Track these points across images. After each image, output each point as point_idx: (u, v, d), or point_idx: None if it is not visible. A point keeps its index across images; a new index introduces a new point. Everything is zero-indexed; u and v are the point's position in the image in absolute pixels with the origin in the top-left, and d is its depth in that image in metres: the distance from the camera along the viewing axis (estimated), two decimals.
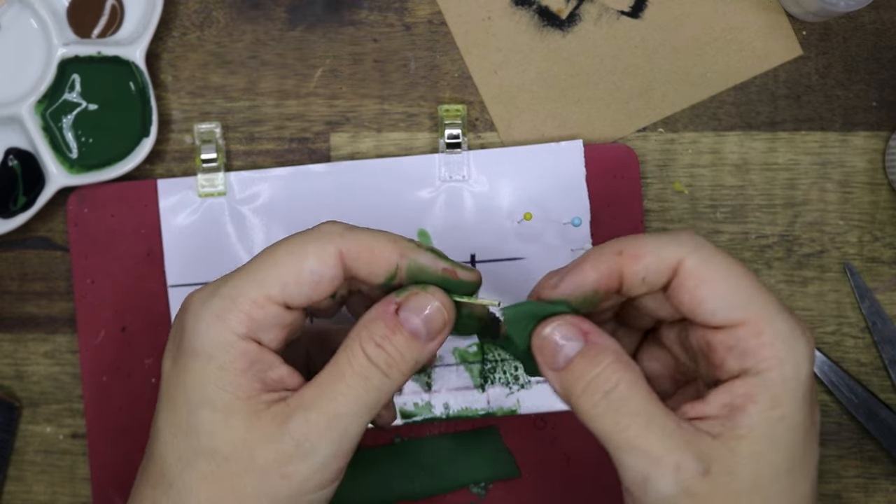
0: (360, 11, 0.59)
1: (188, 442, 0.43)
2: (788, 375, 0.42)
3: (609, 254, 0.43)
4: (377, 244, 0.44)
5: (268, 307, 0.43)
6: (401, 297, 0.44)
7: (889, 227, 0.58)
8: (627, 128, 0.59)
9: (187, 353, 0.43)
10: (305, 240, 0.43)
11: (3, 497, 0.59)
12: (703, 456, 0.41)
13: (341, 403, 0.42)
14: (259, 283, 0.43)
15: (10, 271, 0.59)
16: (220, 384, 0.42)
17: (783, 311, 0.43)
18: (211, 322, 0.42)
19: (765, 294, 0.43)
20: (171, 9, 0.59)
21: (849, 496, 0.58)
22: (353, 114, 0.59)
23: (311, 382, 0.43)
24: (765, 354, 0.41)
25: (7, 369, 0.59)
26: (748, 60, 0.59)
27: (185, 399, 0.43)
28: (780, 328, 0.42)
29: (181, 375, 0.43)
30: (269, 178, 0.58)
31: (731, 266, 0.43)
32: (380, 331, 0.43)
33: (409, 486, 0.57)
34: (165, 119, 0.59)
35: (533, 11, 0.59)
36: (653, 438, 0.41)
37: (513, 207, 0.58)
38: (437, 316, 0.44)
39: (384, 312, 0.44)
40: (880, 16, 0.59)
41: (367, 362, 0.43)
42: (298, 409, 0.42)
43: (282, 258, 0.43)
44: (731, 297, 0.42)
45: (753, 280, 0.43)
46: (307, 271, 0.43)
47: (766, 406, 0.41)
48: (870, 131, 0.59)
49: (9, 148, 0.58)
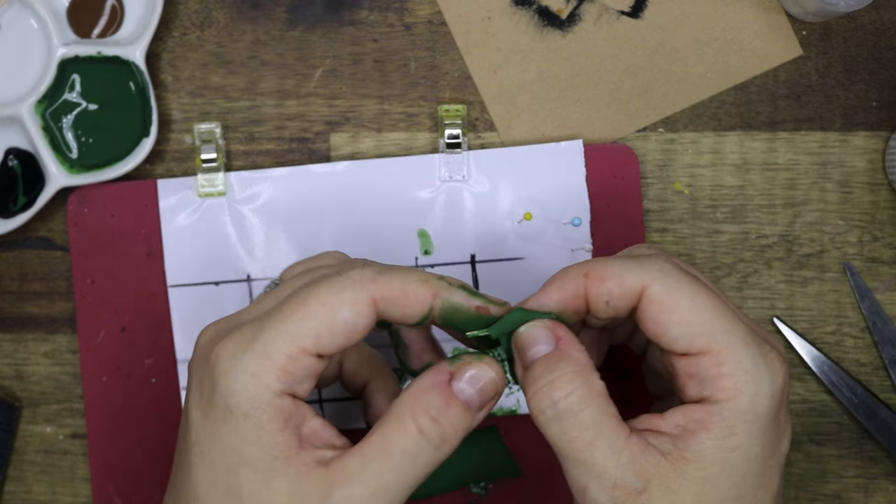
0: (360, 11, 0.59)
1: (227, 501, 0.42)
2: (745, 408, 0.42)
3: (576, 275, 0.44)
4: (410, 287, 0.43)
5: (302, 359, 0.42)
6: (454, 366, 0.43)
7: (889, 227, 0.58)
8: (627, 128, 0.59)
9: (220, 409, 0.42)
10: (337, 288, 0.42)
11: (3, 497, 0.59)
12: (644, 474, 0.41)
13: (388, 480, 0.41)
14: (293, 335, 0.42)
15: (10, 271, 0.59)
16: (259, 444, 0.41)
17: (750, 342, 0.42)
18: (246, 381, 0.41)
19: (730, 323, 0.42)
20: (171, 9, 0.59)
21: (849, 496, 0.58)
22: (353, 114, 0.59)
23: (355, 450, 0.42)
24: (724, 385, 0.42)
25: (7, 369, 0.59)
26: (748, 60, 0.59)
27: (223, 457, 0.42)
28: (743, 360, 0.42)
29: (217, 433, 0.42)
30: (269, 178, 0.58)
31: (696, 294, 0.43)
32: (435, 403, 0.42)
33: None
34: (165, 119, 0.59)
35: (533, 11, 0.59)
36: (597, 453, 0.41)
37: (513, 207, 0.58)
38: (491, 387, 0.44)
39: (439, 383, 0.43)
40: (880, 16, 0.59)
41: (419, 437, 0.42)
42: (343, 479, 0.41)
43: (314, 309, 0.42)
44: (694, 326, 0.42)
45: (719, 308, 0.43)
46: (341, 322, 0.42)
47: (720, 435, 0.42)
48: (870, 131, 0.59)
49: (9, 148, 0.58)
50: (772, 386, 0.42)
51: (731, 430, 0.41)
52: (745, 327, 0.43)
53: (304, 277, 0.45)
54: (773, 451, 0.43)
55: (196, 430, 0.42)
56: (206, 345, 0.44)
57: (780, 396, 0.43)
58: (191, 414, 0.43)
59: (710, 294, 0.43)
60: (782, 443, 0.44)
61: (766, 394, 0.42)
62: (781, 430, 0.43)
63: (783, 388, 0.43)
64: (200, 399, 0.43)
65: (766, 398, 0.42)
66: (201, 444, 0.42)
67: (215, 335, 0.44)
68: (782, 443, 0.44)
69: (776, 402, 0.42)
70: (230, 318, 0.45)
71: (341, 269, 0.44)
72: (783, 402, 0.43)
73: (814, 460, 0.58)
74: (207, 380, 0.42)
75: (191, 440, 0.43)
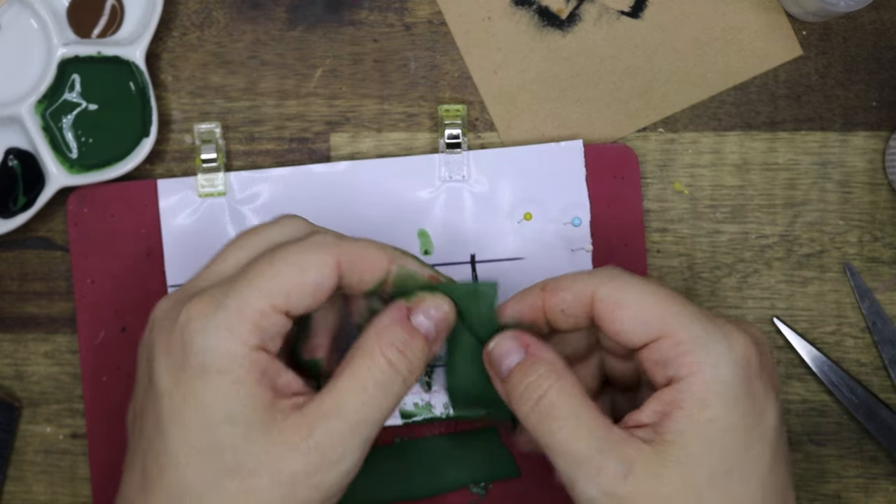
0: (360, 11, 0.59)
1: (210, 461, 0.42)
2: (710, 378, 0.43)
3: (535, 290, 0.47)
4: (370, 252, 0.45)
5: (273, 316, 0.43)
6: (411, 302, 0.46)
7: (889, 227, 0.58)
8: (627, 128, 0.59)
9: (195, 368, 0.42)
10: (304, 250, 0.44)
11: (3, 497, 0.59)
12: (626, 458, 0.42)
13: (365, 413, 0.43)
14: (264, 292, 0.43)
15: (10, 271, 0.59)
16: (238, 398, 0.42)
17: (701, 318, 0.44)
18: (221, 336, 0.42)
19: (679, 305, 0.44)
20: (171, 9, 0.59)
21: (849, 496, 0.58)
22: (353, 114, 0.59)
23: (327, 389, 0.43)
24: (685, 361, 0.43)
25: (7, 369, 0.59)
26: (748, 60, 0.59)
27: (199, 417, 0.42)
28: (697, 334, 0.43)
29: (192, 393, 0.42)
30: (269, 178, 0.58)
31: (644, 287, 0.45)
32: (400, 336, 0.44)
33: (408, 486, 0.57)
34: (165, 119, 0.59)
35: (533, 11, 0.59)
36: (580, 442, 0.43)
37: (513, 207, 0.58)
38: (444, 319, 0.46)
39: (400, 318, 0.45)
40: (880, 16, 0.59)
41: (389, 369, 0.44)
42: (320, 418, 0.42)
43: (282, 268, 0.43)
44: (645, 315, 0.44)
45: (667, 295, 0.45)
46: (310, 281, 0.44)
47: (694, 410, 0.43)
48: (870, 131, 0.59)
49: (9, 148, 0.58)
50: (730, 354, 0.43)
51: (704, 403, 0.43)
52: (695, 307, 0.44)
53: (259, 243, 0.46)
54: (756, 421, 0.43)
55: (167, 395, 0.43)
56: (166, 313, 0.44)
57: (745, 365, 0.43)
58: (158, 383, 0.43)
59: (657, 286, 0.45)
60: (766, 415, 0.44)
61: (726, 363, 0.43)
62: (761, 401, 0.44)
63: (746, 357, 0.44)
64: (169, 365, 0.43)
65: (729, 366, 0.43)
66: (174, 408, 0.42)
67: (175, 303, 0.44)
68: (766, 415, 0.44)
69: (742, 369, 0.43)
70: (184, 288, 0.46)
71: (304, 236, 0.45)
72: (756, 373, 0.44)
73: (814, 460, 0.58)
74: (177, 343, 0.43)
75: (161, 408, 0.43)
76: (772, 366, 0.46)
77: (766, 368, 0.45)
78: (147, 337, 0.45)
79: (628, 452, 0.42)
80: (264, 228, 0.47)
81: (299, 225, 0.47)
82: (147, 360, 0.45)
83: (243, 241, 0.47)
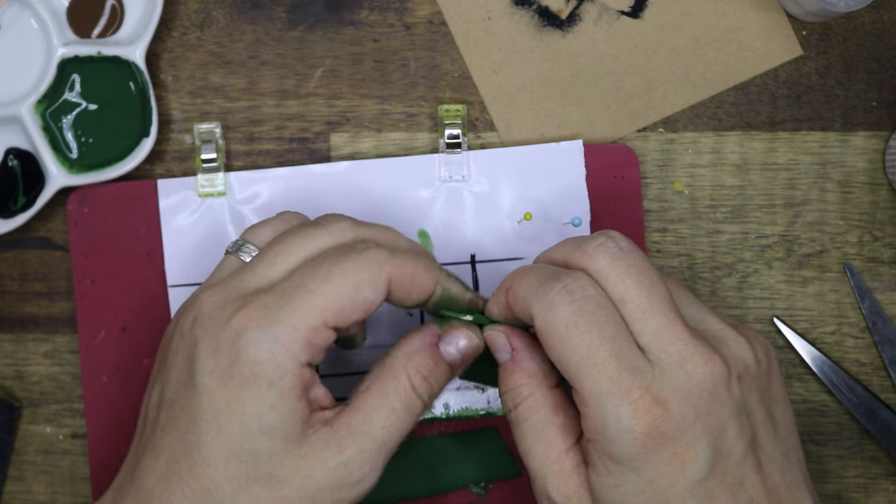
0: (360, 11, 0.59)
1: (243, 467, 0.43)
2: (607, 449, 0.43)
3: (502, 290, 0.47)
4: (418, 272, 0.46)
5: (323, 332, 0.44)
6: (443, 329, 0.47)
7: (889, 227, 0.58)
8: (627, 128, 0.59)
9: (244, 378, 0.43)
10: (359, 266, 0.44)
11: (3, 497, 0.59)
12: (564, 492, 0.45)
13: (391, 433, 0.45)
14: (319, 309, 0.44)
15: (10, 271, 0.59)
16: (280, 411, 0.43)
17: (614, 377, 0.42)
18: (276, 350, 0.43)
19: (597, 362, 0.42)
20: (171, 9, 0.59)
21: (849, 496, 0.58)
22: (353, 114, 0.59)
23: (354, 407, 0.45)
24: (588, 426, 0.43)
25: (7, 369, 0.59)
26: (748, 60, 0.59)
27: (240, 424, 0.43)
28: (600, 402, 0.42)
29: (237, 400, 0.43)
30: (269, 178, 0.58)
31: (569, 333, 0.43)
32: (427, 364, 0.46)
33: (409, 485, 0.57)
34: (165, 119, 0.59)
35: (533, 11, 0.59)
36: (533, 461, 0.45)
37: (513, 207, 0.58)
38: (472, 351, 0.47)
39: (430, 345, 0.46)
40: (880, 16, 0.59)
41: (413, 395, 0.45)
42: (349, 436, 0.44)
43: (337, 284, 0.44)
44: (564, 360, 0.43)
45: (590, 347, 0.42)
46: (362, 298, 0.44)
47: (600, 472, 0.44)
48: (870, 131, 0.59)
49: (9, 148, 0.58)
50: (632, 421, 0.42)
51: (607, 469, 0.43)
52: (614, 365, 0.42)
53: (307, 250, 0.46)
54: (670, 481, 0.42)
55: (208, 396, 0.43)
56: (216, 312, 0.44)
57: (646, 432, 0.42)
58: (203, 381, 0.43)
59: (583, 332, 0.42)
60: (686, 471, 0.42)
61: (625, 437, 0.42)
62: (672, 461, 0.42)
63: (652, 425, 0.42)
64: (216, 367, 0.43)
65: (626, 439, 0.42)
66: (216, 410, 0.43)
67: (224, 302, 0.44)
68: (686, 471, 0.42)
69: (641, 438, 0.42)
70: (229, 284, 0.45)
71: (356, 247, 0.45)
72: (669, 437, 0.42)
73: (814, 460, 0.58)
74: (226, 348, 0.43)
75: (199, 407, 0.43)
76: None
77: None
78: (189, 330, 0.45)
79: (568, 487, 0.44)
80: (312, 232, 0.46)
81: (344, 227, 0.47)
82: (187, 355, 0.45)
83: (291, 247, 0.46)
